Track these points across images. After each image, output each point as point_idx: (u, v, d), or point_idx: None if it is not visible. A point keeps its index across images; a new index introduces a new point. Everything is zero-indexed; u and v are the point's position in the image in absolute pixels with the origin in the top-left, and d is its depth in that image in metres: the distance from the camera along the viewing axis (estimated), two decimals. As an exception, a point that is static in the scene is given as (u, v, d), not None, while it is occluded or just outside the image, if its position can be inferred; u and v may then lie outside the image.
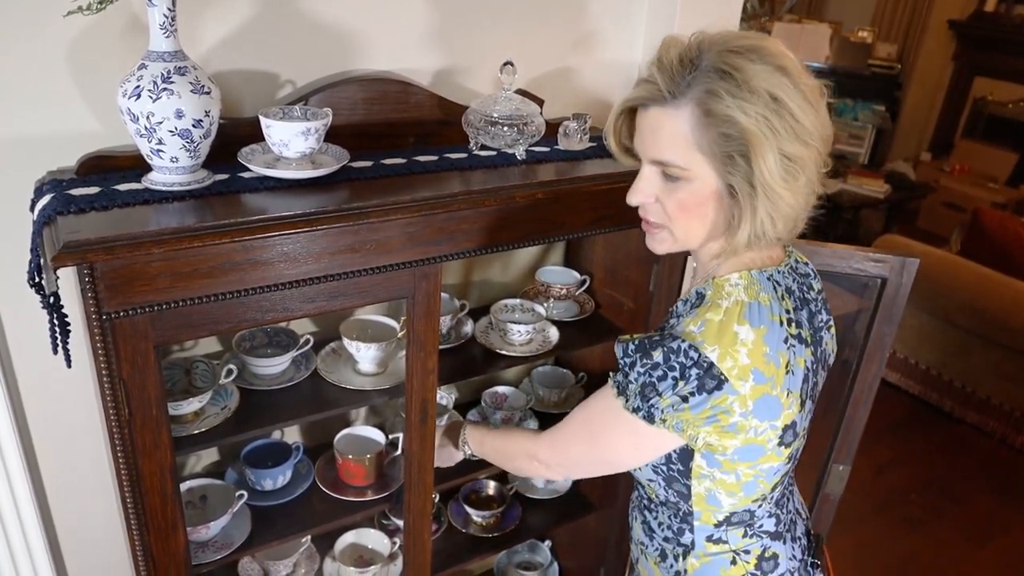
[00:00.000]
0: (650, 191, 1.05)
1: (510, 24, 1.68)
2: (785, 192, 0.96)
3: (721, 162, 0.97)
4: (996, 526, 3.06)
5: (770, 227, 0.99)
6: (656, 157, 1.02)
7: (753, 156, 0.94)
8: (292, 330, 1.60)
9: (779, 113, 0.93)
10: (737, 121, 0.93)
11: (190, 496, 1.54)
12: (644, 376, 1.01)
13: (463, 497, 2.00)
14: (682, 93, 0.97)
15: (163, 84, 1.15)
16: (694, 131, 0.97)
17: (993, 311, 3.46)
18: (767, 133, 0.93)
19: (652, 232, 1.10)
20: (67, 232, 1.06)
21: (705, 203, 1.02)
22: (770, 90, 0.93)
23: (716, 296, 1.05)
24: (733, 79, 0.94)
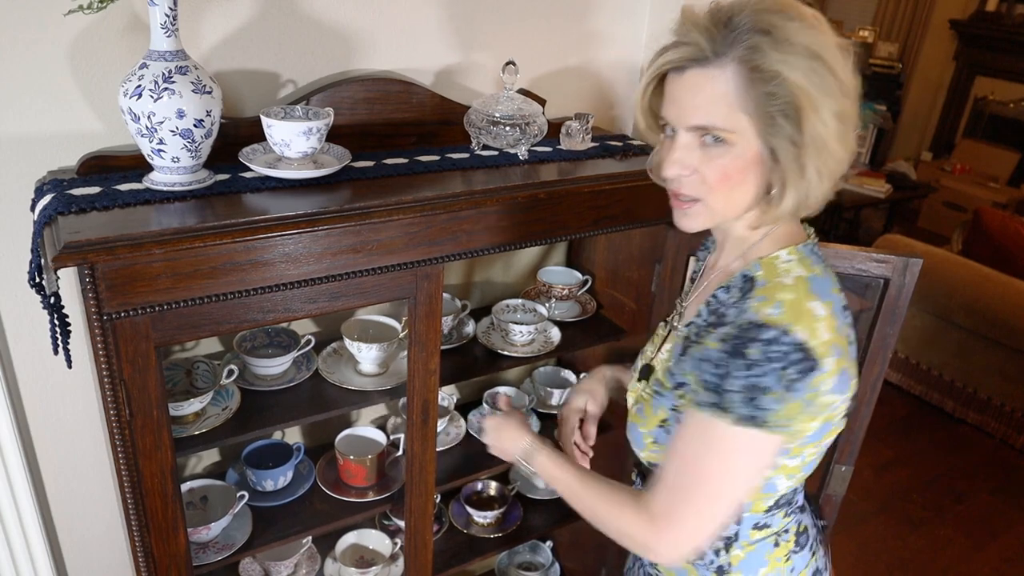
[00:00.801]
0: (689, 161, 0.98)
1: (512, 24, 1.68)
2: (837, 146, 0.94)
3: (764, 123, 0.93)
4: (997, 526, 3.06)
5: (816, 186, 0.96)
6: (697, 122, 0.96)
7: (803, 112, 0.91)
8: (293, 330, 1.59)
9: (821, 68, 0.91)
10: (785, 77, 0.90)
11: (191, 497, 1.53)
12: (743, 379, 0.92)
13: (464, 497, 2.00)
14: (724, 51, 0.93)
15: (164, 84, 1.14)
16: (738, 90, 0.93)
17: (994, 311, 3.46)
18: (815, 89, 0.91)
19: (684, 208, 1.03)
20: (68, 232, 1.05)
21: (747, 169, 0.97)
22: (809, 46, 0.91)
23: (771, 275, 1.01)
24: (773, 36, 0.91)
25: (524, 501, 2.06)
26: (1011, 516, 3.12)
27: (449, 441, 1.82)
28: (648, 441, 1.11)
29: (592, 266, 1.95)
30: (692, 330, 1.08)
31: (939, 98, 6.50)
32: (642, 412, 1.13)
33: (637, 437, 1.14)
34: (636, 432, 1.14)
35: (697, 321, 1.08)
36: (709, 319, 1.05)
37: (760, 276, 1.02)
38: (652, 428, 1.10)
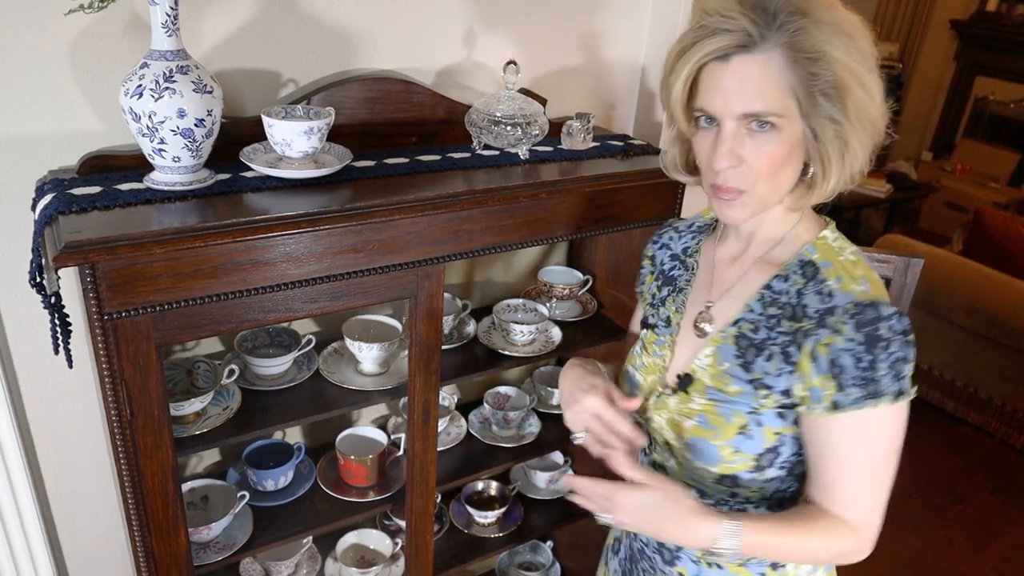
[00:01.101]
0: (739, 151, 0.96)
1: (513, 23, 1.68)
2: (877, 114, 0.95)
3: (808, 103, 0.93)
4: (998, 525, 3.06)
5: (862, 158, 0.97)
6: (748, 110, 0.94)
7: (847, 88, 0.91)
8: (294, 330, 1.59)
9: (854, 44, 0.92)
10: (829, 56, 0.90)
11: (191, 497, 1.53)
12: (889, 360, 0.94)
13: (465, 497, 1.99)
14: (769, 36, 0.92)
15: (165, 83, 1.14)
16: (784, 74, 0.92)
17: (995, 311, 3.45)
18: (853, 62, 0.91)
19: (730, 199, 1.00)
20: (69, 232, 1.05)
21: (792, 152, 0.96)
22: (835, 21, 0.92)
23: (830, 256, 1.02)
24: (810, 17, 0.91)
25: (525, 501, 2.06)
26: (1011, 516, 3.12)
27: (450, 441, 1.82)
28: (727, 452, 1.04)
29: (593, 266, 1.94)
30: (744, 327, 1.05)
31: (939, 98, 6.50)
32: (708, 423, 1.06)
33: (708, 451, 1.06)
34: (706, 446, 1.06)
35: (748, 316, 1.06)
36: (769, 312, 1.04)
37: (819, 259, 1.02)
38: (731, 438, 1.04)
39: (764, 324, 1.04)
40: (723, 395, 1.06)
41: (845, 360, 0.94)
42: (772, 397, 1.02)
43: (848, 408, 0.95)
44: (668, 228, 1.28)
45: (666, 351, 1.16)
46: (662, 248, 1.26)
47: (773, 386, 1.01)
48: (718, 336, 1.08)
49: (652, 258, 1.27)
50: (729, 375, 1.05)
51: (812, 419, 0.99)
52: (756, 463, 1.04)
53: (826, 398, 0.96)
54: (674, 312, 1.18)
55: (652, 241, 1.28)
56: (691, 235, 1.23)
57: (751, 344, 1.04)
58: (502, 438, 1.86)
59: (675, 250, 1.24)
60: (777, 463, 1.05)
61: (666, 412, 1.12)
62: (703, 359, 1.09)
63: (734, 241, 1.13)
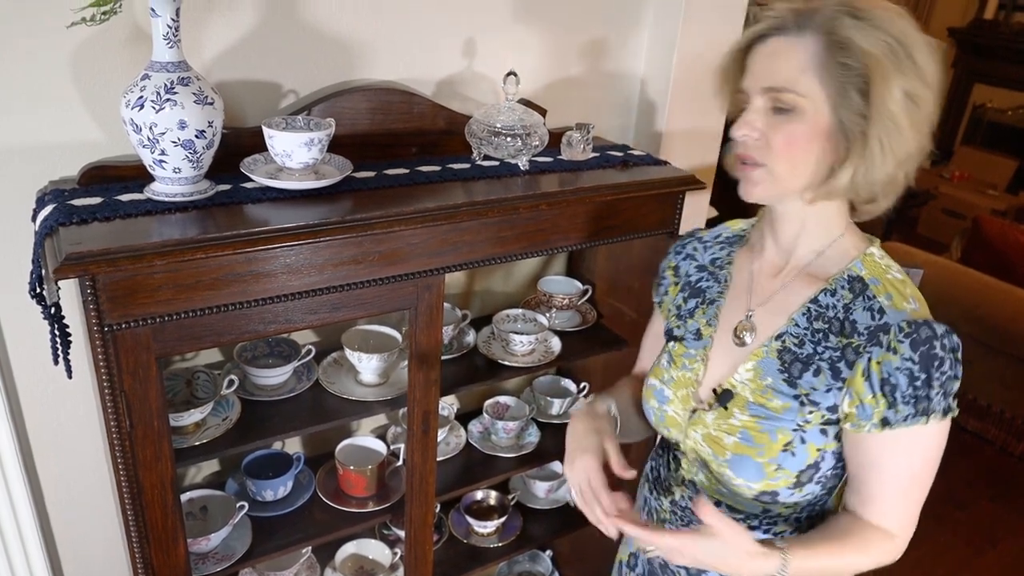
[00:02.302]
0: (758, 124, 0.99)
1: (513, 34, 1.68)
2: (906, 125, 0.94)
3: (837, 93, 0.94)
4: (998, 533, 3.06)
5: (880, 162, 0.95)
6: (770, 83, 0.97)
7: (874, 84, 0.91)
8: (294, 340, 1.59)
9: (902, 51, 0.92)
10: (861, 48, 0.91)
11: (190, 507, 1.53)
12: (941, 377, 0.96)
13: (464, 507, 1.99)
14: (805, 23, 0.95)
15: (166, 95, 1.14)
16: (814, 58, 0.94)
17: (994, 319, 3.46)
18: (890, 64, 0.91)
19: (749, 172, 1.01)
20: (69, 243, 1.05)
21: (813, 139, 0.97)
22: (890, 29, 0.92)
23: (878, 272, 1.03)
24: (856, 17, 0.93)
25: (524, 511, 2.06)
26: (1012, 523, 3.12)
27: (449, 451, 1.82)
28: (770, 470, 1.03)
29: (592, 276, 1.94)
30: (789, 341, 1.05)
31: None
32: (751, 440, 1.04)
33: (750, 468, 1.04)
34: (749, 464, 1.04)
35: (793, 330, 1.05)
36: (815, 326, 1.04)
37: (867, 275, 1.03)
38: (775, 455, 1.03)
39: (810, 339, 1.04)
40: (767, 411, 1.04)
41: (899, 379, 0.95)
42: (818, 413, 1.01)
43: (897, 426, 0.96)
44: (691, 239, 1.26)
45: (698, 364, 1.14)
46: (686, 259, 1.24)
47: (820, 402, 1.01)
48: (760, 350, 1.07)
49: (675, 268, 1.25)
50: (773, 390, 1.05)
51: (859, 435, 1.00)
52: (797, 479, 1.04)
53: (876, 415, 0.97)
54: (705, 325, 1.16)
55: (674, 252, 1.27)
56: (719, 246, 1.22)
57: (796, 359, 1.04)
58: (501, 448, 1.85)
59: (702, 261, 1.22)
60: (816, 478, 1.05)
61: (702, 428, 1.10)
62: (743, 373, 1.08)
63: (774, 253, 1.12)
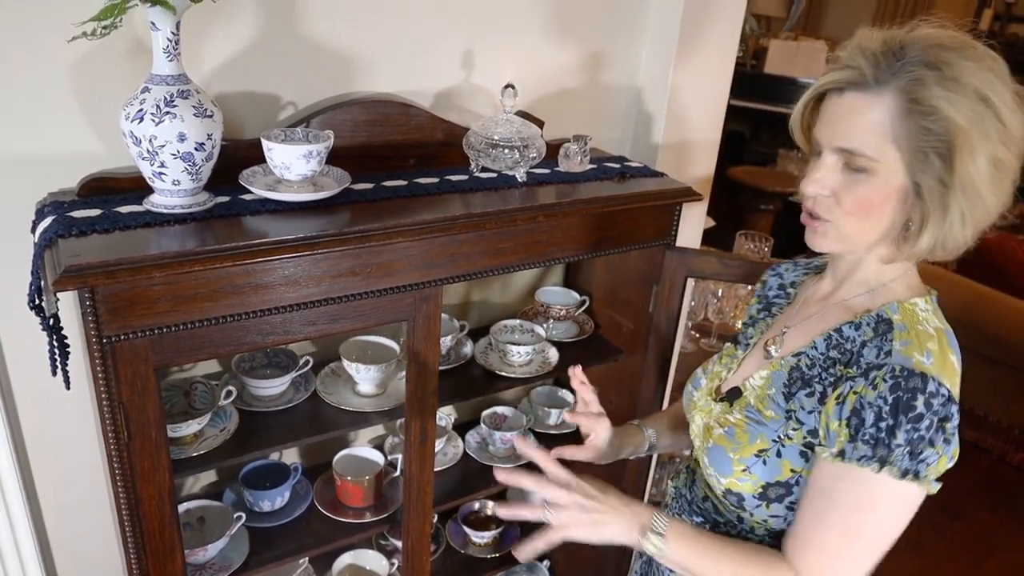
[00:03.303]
0: (829, 182, 0.97)
1: (511, 46, 1.69)
2: (988, 193, 0.92)
3: (915, 157, 0.91)
4: (996, 543, 3.05)
5: (959, 231, 0.94)
6: (844, 145, 0.95)
7: (958, 153, 0.89)
8: (292, 351, 1.59)
9: (987, 112, 0.89)
10: (945, 114, 0.88)
11: (188, 518, 1.53)
12: (911, 433, 0.90)
13: (462, 517, 1.99)
14: (886, 80, 0.92)
15: (166, 107, 1.15)
16: (893, 121, 0.91)
17: (991, 329, 3.46)
18: (974, 131, 0.88)
19: (815, 227, 1.01)
20: (68, 255, 1.06)
21: (886, 201, 0.95)
22: (979, 88, 0.89)
23: (910, 321, 0.98)
24: (942, 72, 0.89)
25: (522, 521, 2.05)
26: (1010, 533, 3.11)
27: (447, 461, 1.82)
28: (738, 468, 1.05)
29: (590, 286, 1.95)
30: (803, 361, 1.05)
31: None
32: (733, 436, 1.07)
33: (722, 462, 1.07)
34: (722, 456, 1.07)
35: (810, 352, 1.05)
36: (830, 354, 1.03)
37: (898, 320, 0.99)
38: (746, 456, 1.05)
39: (821, 363, 1.04)
40: (758, 416, 1.07)
41: (867, 414, 0.92)
42: (800, 432, 1.02)
43: (850, 461, 0.93)
44: (790, 263, 1.29)
45: (733, 364, 1.21)
46: (775, 276, 1.28)
47: (804, 422, 1.02)
48: (777, 362, 1.10)
49: (764, 283, 1.29)
50: (771, 400, 1.07)
51: (820, 459, 0.98)
52: (763, 491, 1.04)
53: (837, 444, 0.95)
54: (758, 334, 1.21)
55: (771, 268, 1.30)
56: (803, 271, 1.25)
57: (801, 377, 1.05)
58: (499, 458, 1.85)
59: (785, 280, 1.26)
60: (787, 501, 1.04)
61: (706, 416, 1.16)
62: (756, 379, 1.11)
63: (829, 281, 1.13)
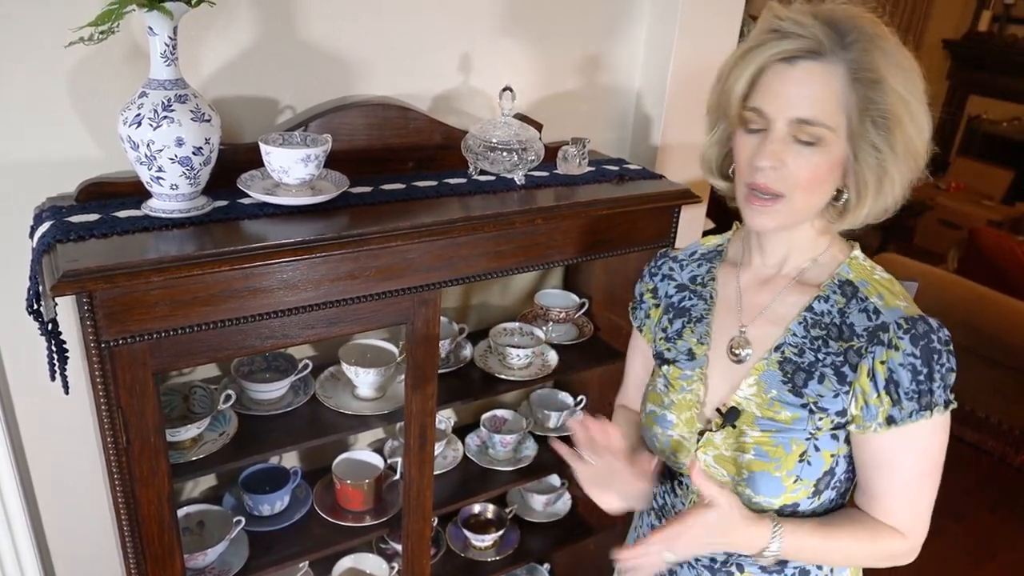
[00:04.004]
0: (783, 154, 0.96)
1: (509, 49, 1.69)
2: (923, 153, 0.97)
3: (858, 126, 0.95)
4: (997, 544, 3.05)
5: (897, 194, 0.99)
6: (802, 115, 0.94)
7: (899, 120, 0.94)
8: (291, 355, 1.59)
9: (915, 79, 0.95)
10: (889, 84, 0.93)
11: (187, 522, 1.52)
12: (943, 371, 0.97)
13: (462, 521, 1.99)
14: (838, 50, 0.94)
15: (164, 112, 1.15)
16: (843, 90, 0.94)
17: (991, 330, 3.46)
18: (911, 97, 0.94)
19: (765, 206, 0.99)
20: (66, 260, 1.06)
21: (833, 170, 0.98)
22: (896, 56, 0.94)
23: (864, 275, 1.05)
24: (879, 45, 0.94)
25: (522, 524, 2.06)
26: (1011, 534, 3.11)
27: (446, 464, 1.82)
28: (789, 482, 1.02)
29: (589, 289, 1.95)
30: (788, 351, 1.05)
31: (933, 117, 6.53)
32: (767, 455, 1.03)
33: (769, 484, 1.03)
34: (767, 480, 1.03)
35: (791, 340, 1.05)
36: (812, 334, 1.04)
37: (855, 278, 1.05)
38: (792, 467, 1.02)
39: (809, 347, 1.04)
40: (777, 423, 1.04)
41: (903, 376, 0.96)
42: (827, 419, 1.02)
43: (903, 423, 0.97)
44: (664, 259, 1.25)
45: (697, 385, 1.12)
46: (664, 279, 1.23)
47: (828, 408, 1.02)
48: (760, 364, 1.07)
49: (654, 291, 1.24)
50: (779, 402, 1.04)
51: (865, 436, 1.01)
52: (815, 488, 1.04)
53: (881, 414, 0.98)
54: (696, 344, 1.14)
55: (649, 273, 1.25)
56: (696, 264, 1.21)
57: (798, 368, 1.04)
58: (499, 461, 1.85)
59: (681, 280, 1.21)
60: (832, 484, 1.05)
61: (713, 449, 1.08)
62: (746, 389, 1.07)
63: (761, 264, 1.12)
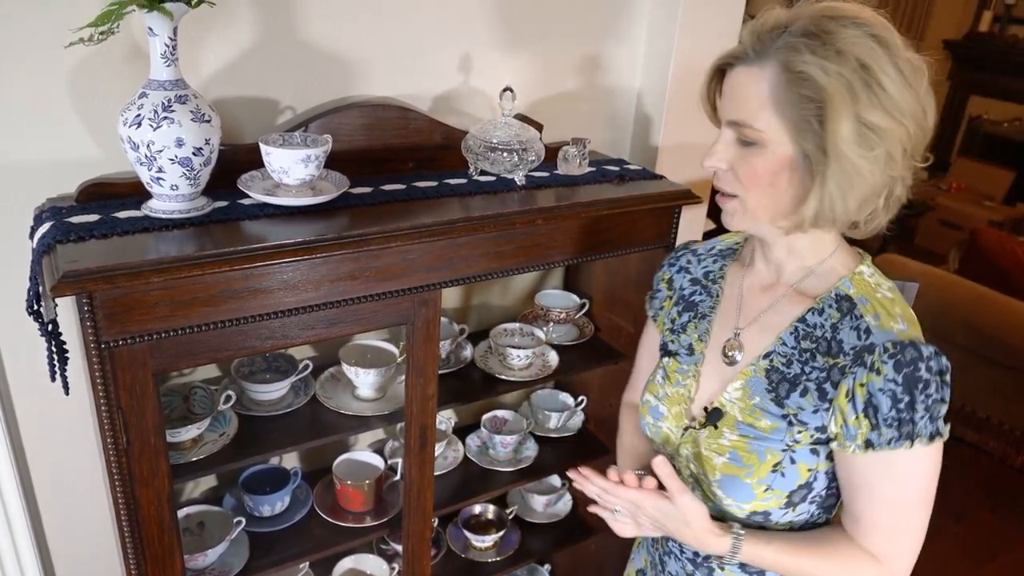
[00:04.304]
0: (724, 155, 1.00)
1: (510, 49, 1.69)
2: (859, 160, 0.91)
3: (797, 127, 0.93)
4: (997, 545, 3.05)
5: (840, 202, 0.94)
6: (732, 117, 0.98)
7: (827, 117, 0.90)
8: (291, 355, 1.59)
9: (865, 80, 0.89)
10: (815, 80, 0.89)
11: (187, 523, 1.52)
12: (927, 402, 0.93)
13: (462, 521, 1.99)
14: (766, 52, 0.94)
15: (164, 113, 1.15)
16: (773, 91, 0.93)
17: (991, 330, 3.46)
18: (845, 95, 0.89)
19: (724, 203, 1.04)
20: (66, 261, 1.06)
21: (778, 172, 0.96)
22: (860, 56, 0.89)
23: (866, 291, 1.01)
24: (820, 40, 0.90)
25: (522, 525, 2.05)
26: (1011, 535, 3.11)
27: (447, 465, 1.82)
28: (760, 490, 1.03)
29: (590, 289, 1.95)
30: (776, 360, 1.04)
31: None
32: (740, 460, 1.04)
33: (739, 489, 1.04)
34: (738, 485, 1.04)
35: (780, 349, 1.05)
36: (802, 346, 1.03)
37: (855, 294, 1.01)
38: (764, 475, 1.02)
39: (797, 358, 1.03)
40: (755, 431, 1.04)
41: (881, 400, 0.93)
42: (806, 433, 1.00)
43: (881, 448, 0.94)
44: (685, 251, 1.26)
45: (690, 381, 1.14)
46: (680, 272, 1.24)
47: (808, 422, 1.00)
48: (748, 369, 1.07)
49: (669, 281, 1.25)
50: (761, 409, 1.04)
51: (845, 456, 0.98)
52: (788, 499, 1.03)
53: (860, 436, 0.95)
54: (696, 340, 1.15)
55: (668, 264, 1.26)
56: (712, 259, 1.21)
57: (783, 378, 1.03)
58: (499, 462, 1.85)
59: (695, 274, 1.22)
60: (810, 497, 1.04)
61: (693, 446, 1.10)
62: (732, 392, 1.07)
63: (764, 269, 1.11)
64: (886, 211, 1.00)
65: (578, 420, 2.01)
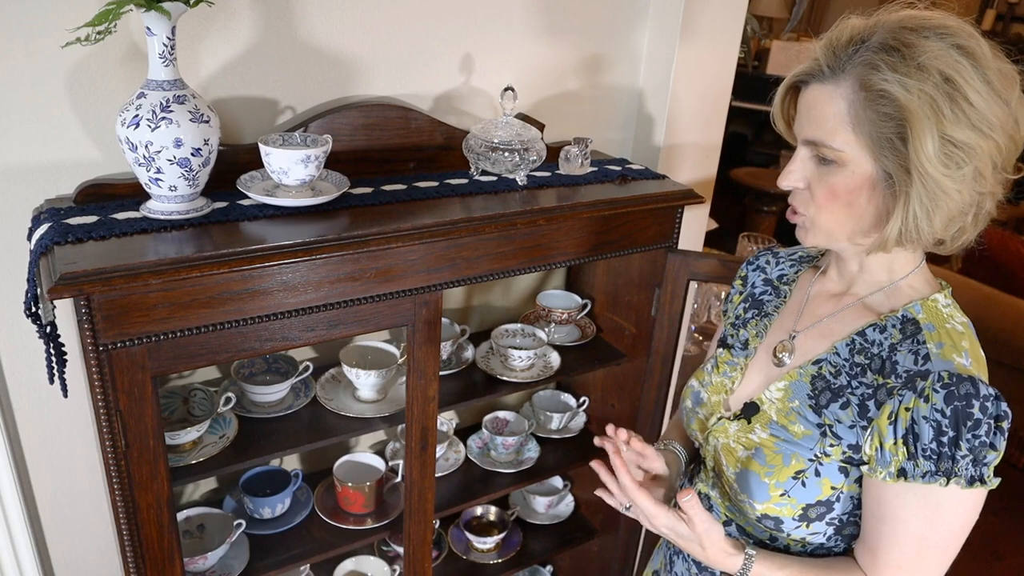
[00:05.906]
0: (801, 175, 0.97)
1: (511, 49, 1.68)
2: (945, 180, 0.86)
3: (878, 145, 0.89)
4: (1003, 547, 3.03)
5: (924, 222, 0.90)
6: (809, 136, 0.95)
7: (910, 136, 0.85)
8: (291, 357, 1.58)
9: (950, 95, 0.84)
10: (895, 97, 0.85)
11: (187, 525, 1.52)
12: (973, 440, 0.87)
13: (464, 523, 1.98)
14: (842, 68, 0.90)
15: (162, 113, 1.14)
16: (851, 109, 0.90)
17: (994, 331, 3.44)
18: (928, 113, 0.84)
19: (795, 221, 1.02)
20: (64, 263, 1.05)
21: (856, 191, 0.93)
22: (943, 69, 0.85)
23: (936, 320, 0.97)
24: (900, 53, 0.86)
25: (524, 526, 2.05)
26: (1017, 537, 3.10)
27: (448, 466, 1.81)
28: (775, 493, 1.00)
29: (591, 290, 1.94)
30: (826, 369, 1.02)
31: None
32: (763, 459, 1.02)
33: (756, 488, 1.02)
34: (755, 482, 1.02)
35: (832, 359, 1.02)
36: (855, 359, 1.00)
37: (924, 320, 0.97)
38: (783, 479, 1.00)
39: (846, 371, 1.00)
40: (787, 433, 1.02)
41: (924, 429, 0.89)
42: (839, 448, 0.97)
43: (914, 480, 0.90)
44: (767, 252, 1.26)
45: (736, 373, 1.14)
46: (757, 270, 1.24)
47: (842, 437, 0.97)
48: (795, 371, 1.05)
49: (744, 279, 1.25)
50: (798, 414, 1.02)
51: (875, 482, 0.95)
52: (803, 512, 1.00)
53: (895, 463, 0.91)
54: (753, 336, 1.15)
55: (748, 262, 1.27)
56: (790, 263, 1.21)
57: (828, 387, 1.01)
58: (501, 463, 1.84)
59: (769, 275, 1.21)
60: (827, 518, 1.00)
61: (723, 436, 1.09)
62: (774, 391, 1.06)
63: (836, 278, 1.09)
64: (975, 227, 0.95)
65: (580, 421, 2.00)
